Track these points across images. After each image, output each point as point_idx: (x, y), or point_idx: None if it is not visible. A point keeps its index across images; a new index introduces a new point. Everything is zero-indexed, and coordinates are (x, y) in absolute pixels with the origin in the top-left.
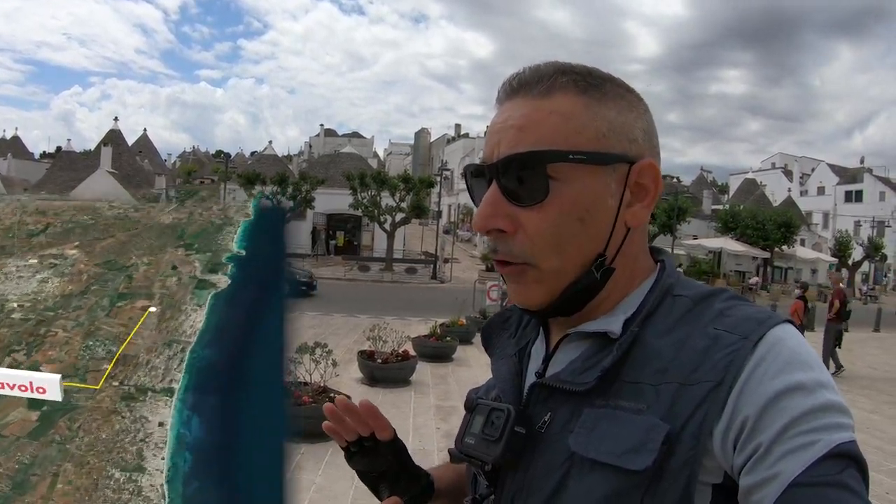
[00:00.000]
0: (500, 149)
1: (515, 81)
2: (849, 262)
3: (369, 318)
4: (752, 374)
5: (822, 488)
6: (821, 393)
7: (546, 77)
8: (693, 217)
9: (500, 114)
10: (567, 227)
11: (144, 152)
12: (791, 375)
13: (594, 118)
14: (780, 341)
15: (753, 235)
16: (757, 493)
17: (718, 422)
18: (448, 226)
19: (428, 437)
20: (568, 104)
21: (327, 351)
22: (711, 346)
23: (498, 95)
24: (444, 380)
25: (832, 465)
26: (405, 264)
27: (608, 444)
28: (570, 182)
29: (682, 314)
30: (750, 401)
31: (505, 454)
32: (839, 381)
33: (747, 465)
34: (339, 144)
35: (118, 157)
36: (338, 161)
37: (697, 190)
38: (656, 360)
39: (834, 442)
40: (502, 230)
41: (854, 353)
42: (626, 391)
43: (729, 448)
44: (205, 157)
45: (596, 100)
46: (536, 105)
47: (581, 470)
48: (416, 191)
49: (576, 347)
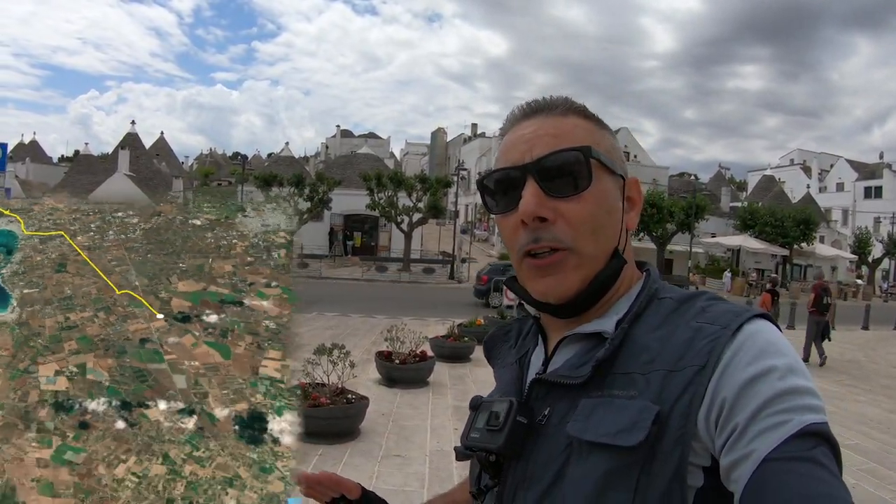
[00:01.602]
0: (534, 152)
1: (532, 105)
2: (868, 258)
3: (387, 319)
4: (731, 360)
5: (793, 462)
6: (792, 378)
7: (561, 103)
8: (711, 215)
9: (524, 128)
10: (600, 217)
11: (162, 155)
12: (765, 361)
13: (602, 137)
14: (757, 331)
15: (772, 233)
16: (735, 471)
17: (702, 404)
18: (465, 225)
19: (446, 437)
20: (584, 123)
21: (345, 352)
22: (695, 336)
23: (510, 118)
24: (462, 380)
25: (803, 443)
26: (423, 264)
27: (604, 427)
28: (601, 179)
29: (668, 313)
30: (728, 384)
31: (508, 442)
32: (855, 378)
33: (726, 446)
34: (355, 145)
35: (136, 160)
36: (354, 162)
37: (716, 187)
38: (645, 352)
39: (805, 422)
40: (545, 219)
41: (876, 352)
42: (618, 381)
43: (712, 428)
44: (222, 159)
45: (599, 125)
46: (560, 121)
47: (580, 454)
48: (433, 191)
49: (572, 349)
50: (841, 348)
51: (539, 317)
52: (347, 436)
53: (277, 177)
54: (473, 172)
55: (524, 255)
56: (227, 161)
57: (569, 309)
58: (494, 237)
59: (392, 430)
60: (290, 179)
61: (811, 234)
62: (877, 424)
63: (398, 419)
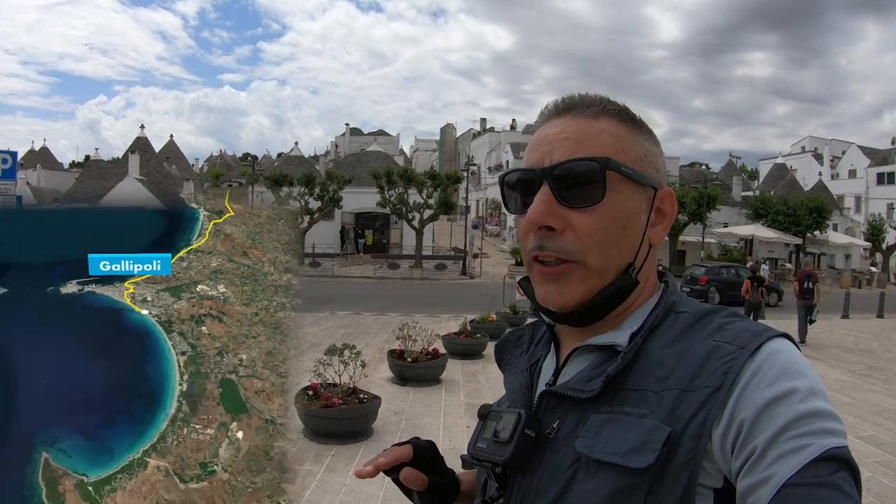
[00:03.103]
0: (553, 156)
1: (566, 102)
2: (882, 245)
3: (399, 317)
4: (750, 381)
5: (814, 488)
6: (814, 400)
7: (595, 103)
8: (723, 204)
9: (551, 127)
10: (613, 231)
11: (172, 158)
12: (786, 383)
13: (635, 144)
14: (777, 352)
15: (785, 221)
16: (752, 495)
17: (718, 425)
18: (476, 221)
19: (458, 435)
20: (614, 128)
21: (356, 352)
22: (711, 355)
23: (544, 112)
24: (475, 377)
25: (824, 468)
26: (434, 261)
27: (613, 446)
28: (619, 191)
29: (684, 328)
30: (747, 405)
31: (515, 455)
32: (870, 367)
33: (744, 469)
34: (364, 143)
35: (146, 163)
36: (364, 160)
37: (727, 177)
38: (659, 369)
39: (826, 446)
40: (552, 228)
41: (891, 341)
42: (630, 398)
43: (728, 450)
44: (232, 161)
45: (635, 130)
46: (588, 123)
47: (587, 471)
48: (443, 187)
49: (584, 360)
50: (855, 337)
51: (553, 324)
52: (360, 435)
53: (288, 177)
54: (483, 167)
55: (532, 258)
56: (237, 162)
57: (571, 318)
58: (506, 232)
59: (405, 428)
60: (301, 179)
61: (824, 222)
62: (892, 415)
63: (410, 418)
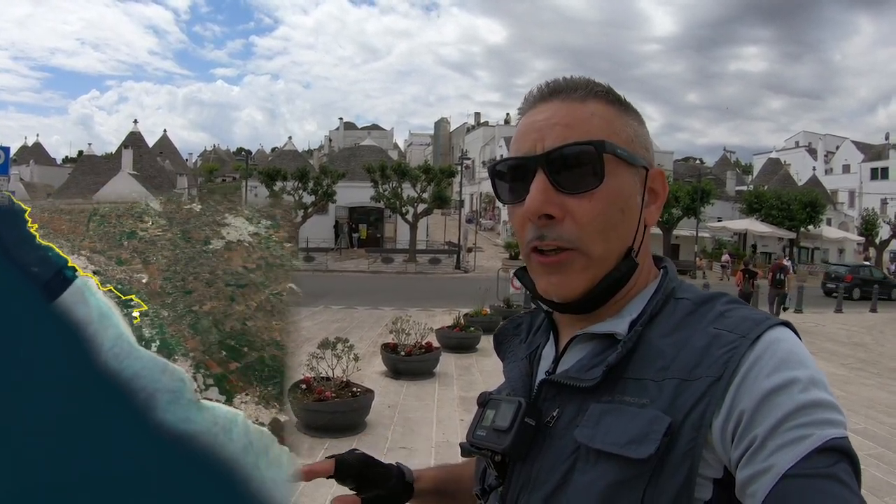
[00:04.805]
0: (545, 143)
1: (551, 86)
2: (876, 240)
3: (393, 311)
4: (750, 371)
5: (814, 479)
6: (814, 391)
7: (582, 86)
8: (717, 199)
9: (538, 113)
10: (612, 216)
11: (165, 153)
12: (787, 372)
13: (625, 125)
14: (777, 341)
15: (779, 216)
16: (752, 486)
17: (718, 415)
18: (470, 215)
19: (451, 429)
20: (603, 110)
21: (349, 346)
22: (711, 344)
23: (528, 98)
24: (468, 370)
25: (824, 459)
26: (429, 255)
27: (613, 436)
28: (616, 175)
29: (684, 316)
30: (747, 395)
31: (514, 444)
32: (863, 361)
33: (743, 459)
34: (358, 137)
35: (139, 158)
36: (358, 154)
37: (721, 171)
38: (659, 358)
39: (826, 437)
40: (552, 216)
41: (884, 335)
42: (630, 387)
43: (728, 440)
44: (225, 155)
45: (623, 111)
46: (577, 107)
47: (587, 461)
48: (438, 181)
49: (584, 348)
50: (848, 331)
51: (551, 312)
52: (353, 429)
53: (281, 171)
54: (477, 161)
55: (531, 249)
56: (231, 157)
57: (574, 308)
58: (500, 226)
59: (398, 422)
60: (295, 173)
61: (818, 217)
62: (885, 409)
63: (404, 411)
